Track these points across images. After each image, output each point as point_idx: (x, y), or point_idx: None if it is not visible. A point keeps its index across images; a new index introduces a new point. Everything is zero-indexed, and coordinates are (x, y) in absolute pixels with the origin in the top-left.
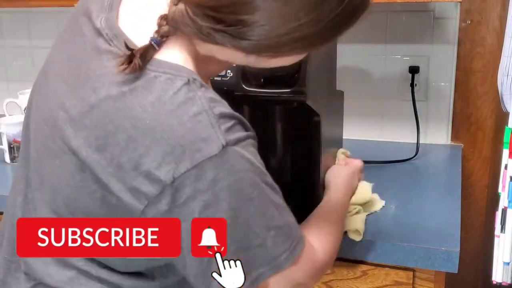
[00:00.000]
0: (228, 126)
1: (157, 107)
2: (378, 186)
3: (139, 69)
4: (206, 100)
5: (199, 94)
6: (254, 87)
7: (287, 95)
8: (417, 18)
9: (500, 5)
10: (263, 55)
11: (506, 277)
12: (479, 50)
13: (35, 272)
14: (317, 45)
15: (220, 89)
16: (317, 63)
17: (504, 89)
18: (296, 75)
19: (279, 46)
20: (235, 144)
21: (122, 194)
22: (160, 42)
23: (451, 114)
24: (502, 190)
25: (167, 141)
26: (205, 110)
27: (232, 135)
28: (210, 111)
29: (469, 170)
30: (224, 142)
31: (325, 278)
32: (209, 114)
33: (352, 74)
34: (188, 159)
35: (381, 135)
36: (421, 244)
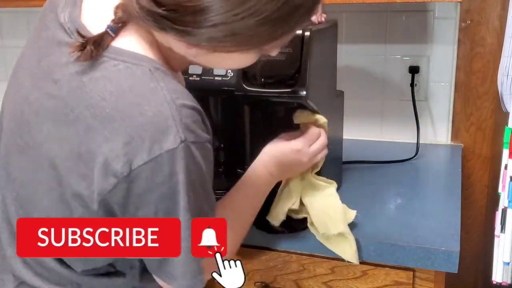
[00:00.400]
0: (189, 121)
1: (116, 96)
2: (378, 186)
3: (94, 56)
4: (168, 91)
5: (161, 84)
6: (254, 87)
7: (288, 95)
8: (417, 18)
9: (500, 5)
10: (203, 47)
11: (506, 277)
12: (479, 50)
13: (15, 271)
14: (255, 43)
15: (221, 89)
16: (317, 63)
17: (504, 89)
18: (296, 75)
19: (216, 38)
20: (192, 143)
21: (79, 187)
22: (116, 29)
23: (451, 114)
24: (502, 190)
25: (126, 131)
26: (167, 101)
27: (191, 133)
28: (172, 102)
29: (469, 170)
30: (183, 137)
31: (325, 278)
32: (171, 105)
33: (352, 74)
34: (146, 151)
35: (381, 135)
36: (421, 244)
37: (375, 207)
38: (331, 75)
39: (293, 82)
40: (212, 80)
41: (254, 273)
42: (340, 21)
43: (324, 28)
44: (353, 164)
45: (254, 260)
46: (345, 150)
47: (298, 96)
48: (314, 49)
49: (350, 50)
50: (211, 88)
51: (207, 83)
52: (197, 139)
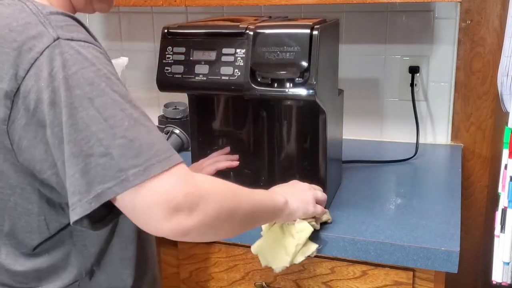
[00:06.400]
0: (61, 24)
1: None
2: (378, 186)
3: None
4: (35, 6)
5: (27, 3)
6: (262, 86)
7: (296, 94)
8: (417, 18)
9: (500, 5)
10: None
11: (506, 277)
12: (479, 50)
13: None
14: None
15: (228, 88)
16: (323, 62)
17: (504, 89)
18: (305, 73)
19: None
20: (71, 40)
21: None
22: None
23: (451, 114)
24: (502, 190)
25: (2, 50)
26: (33, 13)
27: (67, 33)
28: (39, 12)
29: (469, 170)
30: (55, 35)
31: (325, 278)
32: (38, 15)
33: (352, 74)
34: (25, 61)
35: (381, 135)
36: (421, 244)
37: (375, 207)
38: (334, 74)
39: (301, 81)
40: (219, 79)
41: (254, 273)
42: (340, 21)
43: (329, 27)
44: (353, 163)
45: (254, 260)
46: (345, 150)
47: (308, 94)
48: (321, 47)
49: (350, 50)
50: (218, 87)
51: (214, 82)
52: (76, 37)
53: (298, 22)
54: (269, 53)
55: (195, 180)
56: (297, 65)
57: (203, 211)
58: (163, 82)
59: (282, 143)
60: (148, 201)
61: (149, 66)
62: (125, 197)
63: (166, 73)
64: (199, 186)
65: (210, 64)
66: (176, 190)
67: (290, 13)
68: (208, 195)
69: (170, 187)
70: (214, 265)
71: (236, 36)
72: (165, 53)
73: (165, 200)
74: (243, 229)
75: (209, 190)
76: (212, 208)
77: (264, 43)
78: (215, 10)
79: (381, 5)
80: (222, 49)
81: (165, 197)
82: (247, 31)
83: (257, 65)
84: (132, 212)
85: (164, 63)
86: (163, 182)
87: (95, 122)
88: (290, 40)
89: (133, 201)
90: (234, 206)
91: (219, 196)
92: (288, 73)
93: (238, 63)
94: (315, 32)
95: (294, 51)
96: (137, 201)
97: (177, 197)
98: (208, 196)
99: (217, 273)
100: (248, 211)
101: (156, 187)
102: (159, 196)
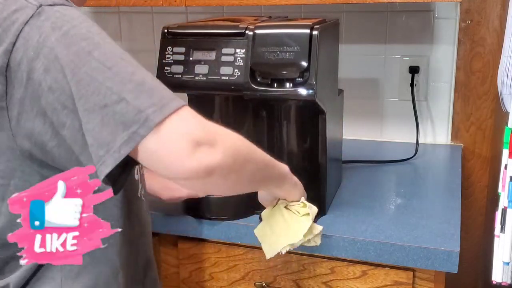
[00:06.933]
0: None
1: None
2: (378, 185)
3: None
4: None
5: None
6: (262, 86)
7: (296, 94)
8: (417, 18)
9: (500, 5)
10: None
11: (506, 277)
12: (479, 50)
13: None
14: None
15: (228, 88)
16: (323, 61)
17: (504, 89)
18: (305, 73)
19: None
20: (53, 5)
21: None
22: None
23: (451, 114)
24: (502, 190)
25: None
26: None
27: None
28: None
29: (469, 170)
30: (37, 3)
31: (325, 278)
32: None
33: (352, 74)
34: (10, 34)
35: (381, 135)
36: (421, 244)
37: (375, 207)
38: (334, 74)
39: (301, 81)
40: (219, 79)
41: (254, 273)
42: (340, 21)
43: (329, 27)
44: (353, 163)
45: (254, 260)
46: (345, 150)
47: (308, 94)
48: (321, 47)
49: (350, 50)
50: (218, 87)
51: (214, 82)
52: (58, 2)
53: (298, 22)
54: (269, 53)
55: (206, 120)
56: (297, 65)
57: (222, 147)
58: (163, 82)
59: (282, 143)
60: (170, 138)
61: (149, 66)
62: (148, 139)
63: (166, 73)
64: (213, 124)
65: (210, 64)
66: (195, 124)
67: (290, 13)
68: (224, 132)
69: (188, 122)
70: (214, 265)
71: (236, 36)
72: (165, 53)
73: (186, 134)
74: (259, 182)
75: (223, 130)
76: (229, 146)
77: (264, 43)
78: (215, 10)
79: (381, 5)
80: (222, 49)
81: (185, 131)
82: (247, 31)
83: (257, 65)
84: (154, 156)
85: (163, 63)
86: (181, 118)
87: (100, 73)
88: (290, 40)
89: (156, 142)
90: (249, 151)
91: (234, 139)
92: (288, 73)
93: (238, 63)
94: (315, 32)
95: (294, 51)
96: (160, 141)
97: (197, 130)
98: (224, 133)
99: (217, 273)
100: (261, 163)
101: (176, 123)
102: (181, 131)
